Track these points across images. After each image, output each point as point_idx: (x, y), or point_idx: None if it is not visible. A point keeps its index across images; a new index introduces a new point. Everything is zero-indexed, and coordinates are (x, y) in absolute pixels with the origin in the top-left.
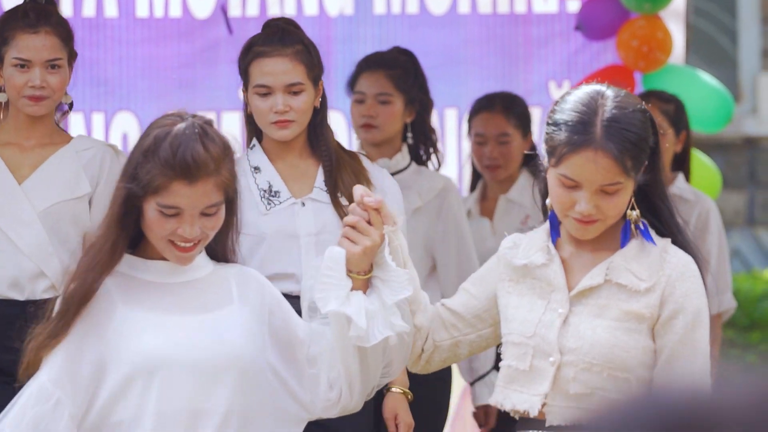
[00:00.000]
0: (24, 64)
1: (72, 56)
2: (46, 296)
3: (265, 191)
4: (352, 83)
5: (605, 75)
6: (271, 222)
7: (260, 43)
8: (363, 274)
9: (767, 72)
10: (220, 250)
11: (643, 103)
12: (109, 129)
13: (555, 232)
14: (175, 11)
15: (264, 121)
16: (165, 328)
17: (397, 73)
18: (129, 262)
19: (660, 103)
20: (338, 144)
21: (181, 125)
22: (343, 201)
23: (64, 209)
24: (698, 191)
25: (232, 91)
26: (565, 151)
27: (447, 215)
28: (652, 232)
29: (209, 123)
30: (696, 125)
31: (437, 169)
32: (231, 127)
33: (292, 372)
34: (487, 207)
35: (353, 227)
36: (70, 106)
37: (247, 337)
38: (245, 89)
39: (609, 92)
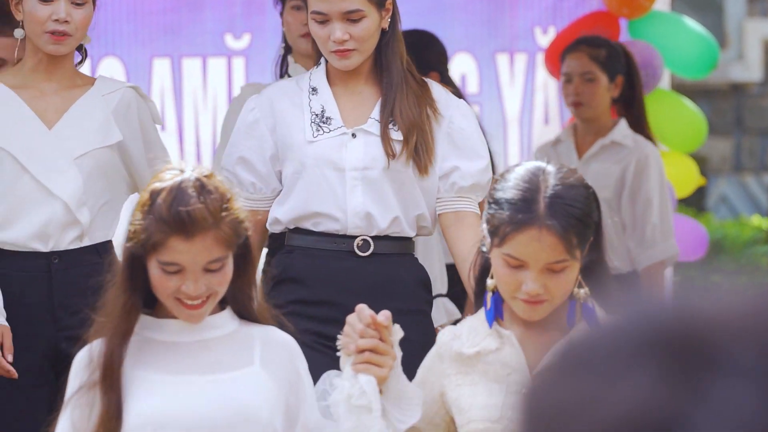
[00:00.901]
0: None
1: None
2: (72, 247)
3: (317, 115)
4: None
5: (590, 21)
6: (316, 151)
7: None
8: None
9: (753, 18)
10: (242, 308)
11: (585, 181)
12: (95, 75)
13: (497, 314)
14: None
15: (324, 49)
16: (172, 388)
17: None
18: (143, 322)
19: (590, 50)
20: (409, 68)
21: (177, 179)
22: (395, 135)
23: (97, 157)
24: (639, 137)
25: (218, 36)
26: (509, 230)
27: None
28: (600, 312)
29: (209, 175)
30: (681, 71)
31: None
32: (217, 72)
33: None
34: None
35: (373, 351)
36: (85, 53)
37: (263, 400)
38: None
39: (551, 168)
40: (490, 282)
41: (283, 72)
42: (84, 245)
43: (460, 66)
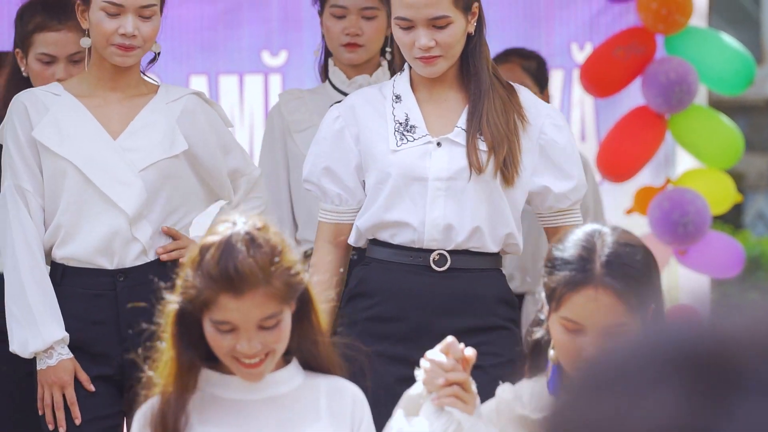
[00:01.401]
0: (116, 11)
1: (162, 4)
2: (137, 263)
3: (400, 124)
4: None
5: (625, 37)
6: (400, 160)
7: None
8: None
9: None
10: (308, 358)
11: (643, 242)
12: None
13: (556, 385)
14: None
15: (408, 56)
16: None
17: None
18: (207, 377)
19: (521, 60)
20: (495, 73)
21: (228, 233)
22: (482, 145)
23: (162, 168)
24: None
25: (255, 53)
26: (565, 291)
27: None
28: None
29: (261, 228)
30: (718, 87)
31: None
32: (254, 90)
33: None
34: None
35: (460, 385)
36: (156, 56)
37: None
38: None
39: (607, 229)
40: (552, 353)
41: (325, 77)
42: (150, 260)
43: None
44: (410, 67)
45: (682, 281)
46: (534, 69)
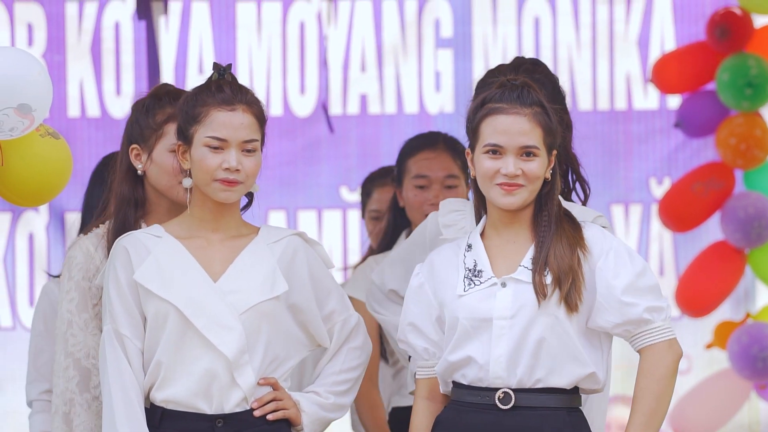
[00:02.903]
0: (219, 145)
1: (263, 140)
2: (238, 410)
3: (469, 270)
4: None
5: (704, 172)
6: (465, 303)
7: (496, 99)
8: None
9: None
10: None
11: None
12: None
13: None
14: (276, 110)
15: (489, 183)
16: None
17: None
18: None
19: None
20: (564, 212)
21: None
22: (548, 279)
23: (263, 310)
24: None
25: (333, 189)
26: None
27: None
28: None
29: None
30: None
31: (584, 203)
32: (332, 225)
33: None
34: None
35: None
36: (250, 199)
37: None
38: (472, 151)
39: None
40: None
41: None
42: (250, 408)
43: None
44: (485, 219)
45: (762, 416)
46: (461, 163)
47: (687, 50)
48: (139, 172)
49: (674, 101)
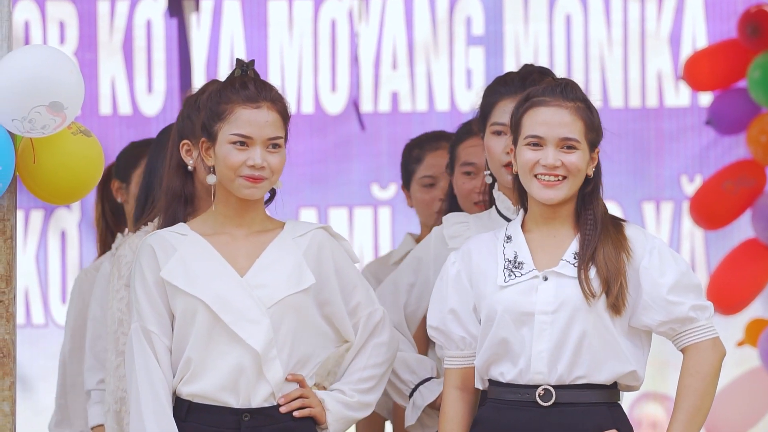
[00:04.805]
0: (244, 142)
1: (287, 137)
2: (265, 405)
3: (509, 261)
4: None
5: (735, 170)
6: (506, 297)
7: (540, 93)
8: None
9: None
10: None
11: None
12: None
13: None
14: (308, 107)
15: (528, 174)
16: None
17: None
18: None
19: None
20: (605, 213)
21: None
22: (593, 277)
23: (290, 304)
24: None
25: (365, 186)
26: None
27: None
28: None
29: None
30: None
31: None
32: (363, 222)
33: None
34: None
35: None
36: (273, 194)
37: None
38: (515, 146)
39: None
40: None
41: (491, 204)
42: (277, 403)
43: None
44: (524, 212)
45: None
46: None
47: (718, 48)
48: (189, 167)
49: (706, 99)
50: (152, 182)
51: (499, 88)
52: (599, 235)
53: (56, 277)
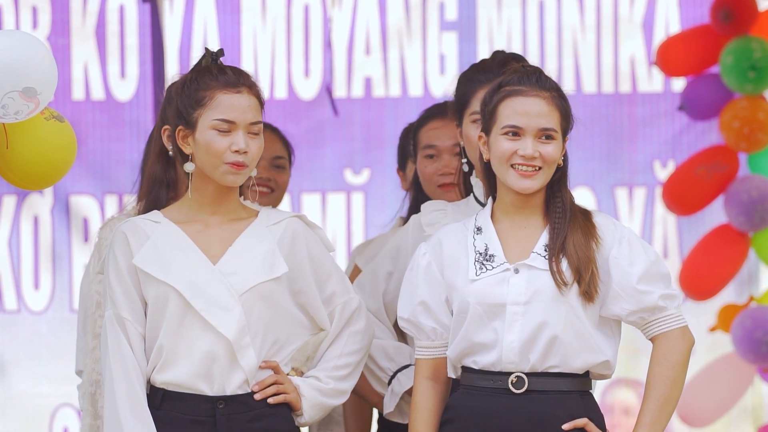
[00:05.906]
0: (227, 127)
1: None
2: (239, 392)
3: (480, 254)
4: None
5: (708, 155)
6: (478, 289)
7: (515, 82)
8: None
9: None
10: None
11: None
12: None
13: None
14: (281, 93)
15: (504, 166)
16: None
17: None
18: None
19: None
20: (573, 202)
21: None
22: (565, 268)
23: (262, 291)
24: None
25: (338, 172)
26: None
27: None
28: None
29: None
30: None
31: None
32: (336, 208)
33: None
34: None
35: None
36: (252, 184)
37: None
38: (487, 134)
39: None
40: None
41: (467, 192)
42: (251, 390)
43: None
44: (493, 200)
45: (766, 400)
46: None
47: (691, 33)
48: (170, 152)
49: (678, 84)
50: (144, 167)
51: (477, 76)
52: (569, 223)
53: (29, 262)
